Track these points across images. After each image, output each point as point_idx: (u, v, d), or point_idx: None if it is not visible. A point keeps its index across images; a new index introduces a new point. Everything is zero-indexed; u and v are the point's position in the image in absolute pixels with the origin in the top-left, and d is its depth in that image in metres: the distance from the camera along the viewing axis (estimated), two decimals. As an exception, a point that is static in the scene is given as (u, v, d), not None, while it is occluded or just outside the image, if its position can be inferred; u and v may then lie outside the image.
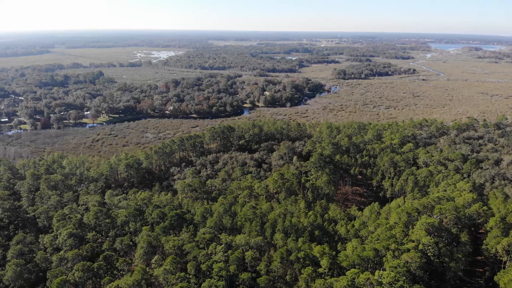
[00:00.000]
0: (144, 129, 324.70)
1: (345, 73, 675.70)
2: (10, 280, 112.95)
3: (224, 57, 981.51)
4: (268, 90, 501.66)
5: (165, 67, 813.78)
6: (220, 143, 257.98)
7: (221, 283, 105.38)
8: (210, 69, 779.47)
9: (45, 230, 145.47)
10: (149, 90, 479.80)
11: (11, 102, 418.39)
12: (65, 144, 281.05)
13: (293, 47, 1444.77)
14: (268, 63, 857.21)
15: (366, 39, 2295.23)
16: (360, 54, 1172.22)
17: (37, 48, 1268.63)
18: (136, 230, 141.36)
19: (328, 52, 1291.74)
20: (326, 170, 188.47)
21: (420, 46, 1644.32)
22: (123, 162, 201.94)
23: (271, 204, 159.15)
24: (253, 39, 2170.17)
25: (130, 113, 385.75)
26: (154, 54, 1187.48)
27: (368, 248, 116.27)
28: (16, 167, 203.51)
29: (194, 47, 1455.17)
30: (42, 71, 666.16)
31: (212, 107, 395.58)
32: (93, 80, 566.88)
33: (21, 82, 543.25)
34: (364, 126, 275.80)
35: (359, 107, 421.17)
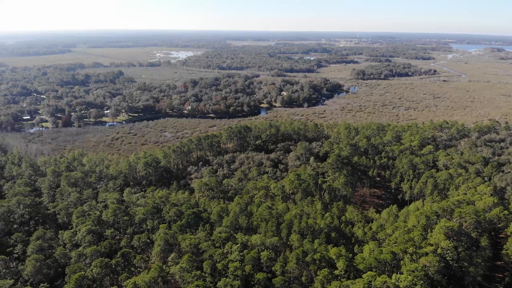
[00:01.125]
0: (162, 128, 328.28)
1: (364, 74, 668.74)
2: (29, 275, 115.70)
3: (242, 57, 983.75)
4: (286, 90, 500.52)
5: (184, 67, 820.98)
6: (236, 143, 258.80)
7: (237, 283, 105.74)
8: (228, 69, 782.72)
9: (65, 226, 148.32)
10: (168, 90, 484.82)
11: (33, 100, 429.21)
12: (85, 142, 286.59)
13: (312, 47, 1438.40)
14: (286, 63, 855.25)
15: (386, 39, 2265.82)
16: (379, 54, 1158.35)
17: (59, 48, 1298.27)
18: (153, 227, 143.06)
19: (347, 52, 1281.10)
20: (343, 171, 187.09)
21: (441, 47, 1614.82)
22: (142, 161, 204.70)
23: (287, 205, 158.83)
24: (271, 39, 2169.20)
25: (149, 112, 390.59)
26: (173, 54, 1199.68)
27: (386, 251, 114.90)
28: (38, 164, 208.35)
29: (213, 47, 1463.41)
30: (63, 70, 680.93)
31: (229, 107, 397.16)
32: (113, 80, 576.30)
33: (43, 81, 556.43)
34: (383, 127, 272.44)
35: (378, 108, 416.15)
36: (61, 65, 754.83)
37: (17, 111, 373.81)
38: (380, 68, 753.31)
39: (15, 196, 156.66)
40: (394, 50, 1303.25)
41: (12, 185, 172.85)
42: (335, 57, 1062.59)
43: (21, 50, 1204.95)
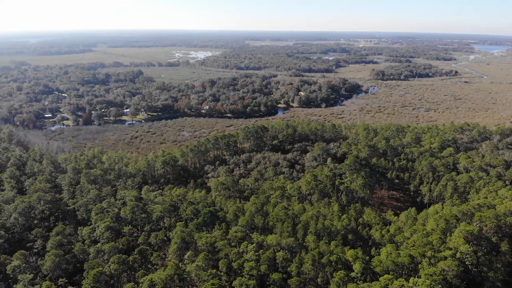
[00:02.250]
0: (180, 128, 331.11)
1: (383, 74, 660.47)
2: (48, 269, 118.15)
3: (260, 57, 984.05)
4: (303, 90, 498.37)
5: (202, 67, 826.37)
6: (253, 143, 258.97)
7: (252, 282, 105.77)
8: (246, 69, 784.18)
9: (84, 223, 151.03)
10: (186, 90, 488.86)
11: (55, 98, 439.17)
12: (105, 140, 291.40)
13: (330, 47, 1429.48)
14: (304, 63, 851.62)
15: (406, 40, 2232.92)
16: (399, 54, 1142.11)
17: (80, 47, 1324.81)
18: (170, 225, 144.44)
19: (366, 52, 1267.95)
20: (361, 173, 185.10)
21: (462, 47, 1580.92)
22: (160, 159, 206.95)
23: (303, 206, 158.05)
24: (289, 39, 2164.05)
25: (168, 112, 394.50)
26: (192, 54, 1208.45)
27: (403, 254, 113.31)
28: (58, 161, 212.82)
29: (231, 47, 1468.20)
30: (84, 69, 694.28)
31: (246, 107, 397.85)
32: (133, 79, 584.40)
33: (65, 80, 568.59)
34: (403, 129, 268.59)
35: (397, 109, 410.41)
36: (82, 64, 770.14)
37: (39, 109, 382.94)
38: (400, 68, 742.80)
39: (36, 192, 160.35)
40: (415, 51, 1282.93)
41: (33, 182, 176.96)
42: (354, 57, 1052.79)
43: (43, 49, 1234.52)
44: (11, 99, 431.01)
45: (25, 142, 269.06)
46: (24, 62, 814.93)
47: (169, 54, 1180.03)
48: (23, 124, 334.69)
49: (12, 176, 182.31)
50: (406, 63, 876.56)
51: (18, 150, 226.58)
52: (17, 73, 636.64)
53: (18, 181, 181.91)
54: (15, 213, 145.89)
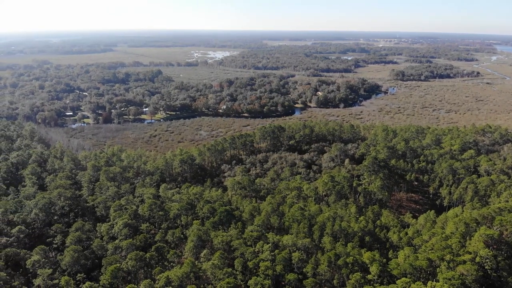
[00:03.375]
0: (198, 127, 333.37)
1: (403, 74, 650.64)
2: (67, 265, 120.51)
3: (278, 57, 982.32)
4: (321, 90, 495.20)
5: (220, 67, 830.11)
6: (270, 143, 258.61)
7: (267, 282, 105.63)
8: (263, 69, 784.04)
9: (103, 219, 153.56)
10: (204, 89, 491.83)
11: (76, 97, 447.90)
12: (124, 138, 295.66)
13: (349, 47, 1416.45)
14: (322, 63, 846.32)
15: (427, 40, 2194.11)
16: (420, 55, 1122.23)
17: (101, 47, 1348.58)
18: (187, 223, 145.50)
19: (386, 52, 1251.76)
20: (380, 174, 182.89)
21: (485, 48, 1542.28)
22: (178, 158, 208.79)
23: (320, 207, 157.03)
24: (307, 39, 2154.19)
25: (186, 111, 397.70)
26: (210, 54, 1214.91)
27: (422, 257, 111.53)
28: (79, 158, 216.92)
29: (249, 47, 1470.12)
30: (105, 69, 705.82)
31: (263, 106, 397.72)
32: (152, 78, 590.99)
33: (86, 79, 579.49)
34: (423, 130, 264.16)
35: (417, 110, 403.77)
36: (102, 63, 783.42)
37: (61, 107, 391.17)
38: (420, 69, 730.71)
39: (57, 188, 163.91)
40: (436, 51, 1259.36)
41: (54, 178, 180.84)
42: (374, 57, 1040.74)
43: (65, 48, 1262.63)
44: (34, 97, 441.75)
45: (47, 139, 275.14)
46: (46, 61, 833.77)
47: (188, 54, 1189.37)
48: (44, 121, 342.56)
49: (34, 172, 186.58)
50: (426, 64, 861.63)
51: (39, 147, 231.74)
52: (40, 71, 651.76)
53: (39, 177, 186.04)
54: (36, 209, 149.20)
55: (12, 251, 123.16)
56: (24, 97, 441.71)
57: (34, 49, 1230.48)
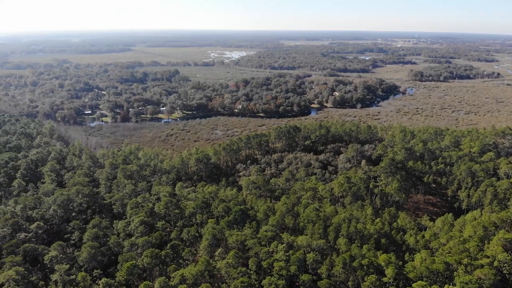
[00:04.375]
0: (214, 126, 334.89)
1: (422, 75, 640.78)
2: (84, 261, 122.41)
3: (294, 57, 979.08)
4: (338, 90, 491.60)
5: (237, 66, 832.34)
6: (285, 143, 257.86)
7: (281, 282, 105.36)
8: (280, 69, 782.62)
9: (119, 216, 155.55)
10: (220, 89, 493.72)
11: (95, 96, 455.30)
12: (141, 137, 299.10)
13: (367, 47, 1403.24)
14: (340, 62, 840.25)
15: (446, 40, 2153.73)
16: (439, 55, 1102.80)
17: (119, 46, 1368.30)
18: (202, 222, 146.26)
19: (404, 52, 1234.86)
20: (397, 176, 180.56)
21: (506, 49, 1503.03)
22: (194, 157, 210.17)
23: (335, 208, 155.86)
24: (325, 39, 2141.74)
25: (202, 110, 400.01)
26: (227, 54, 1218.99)
27: (438, 260, 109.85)
28: (97, 156, 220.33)
29: (265, 47, 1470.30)
30: (123, 68, 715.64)
31: (279, 106, 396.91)
32: (169, 78, 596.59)
33: (104, 78, 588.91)
34: (441, 132, 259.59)
35: (436, 111, 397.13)
36: (121, 63, 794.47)
37: (80, 106, 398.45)
38: (439, 69, 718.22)
39: (75, 185, 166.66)
40: (455, 51, 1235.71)
41: (72, 175, 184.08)
42: (392, 57, 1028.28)
43: (85, 48, 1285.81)
44: (53, 95, 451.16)
45: (66, 137, 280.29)
46: (66, 60, 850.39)
47: (204, 54, 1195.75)
48: (64, 120, 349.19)
49: (53, 169, 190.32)
50: (446, 64, 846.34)
51: (58, 145, 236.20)
52: (59, 70, 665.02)
53: (58, 174, 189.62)
54: (54, 205, 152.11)
55: (30, 246, 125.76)
56: (44, 96, 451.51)
57: (54, 48, 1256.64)
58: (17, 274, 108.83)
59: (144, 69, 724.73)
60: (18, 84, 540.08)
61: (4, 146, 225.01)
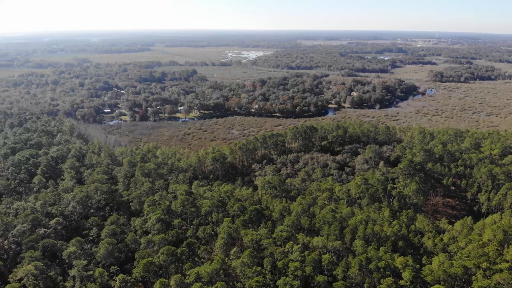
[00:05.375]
0: (230, 126, 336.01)
1: (442, 76, 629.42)
2: (102, 257, 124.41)
3: (312, 57, 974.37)
4: (356, 90, 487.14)
5: (254, 66, 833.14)
6: (301, 143, 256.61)
7: (296, 283, 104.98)
8: (297, 69, 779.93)
9: (137, 214, 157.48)
10: (237, 89, 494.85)
11: (114, 95, 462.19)
12: (159, 136, 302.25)
13: (386, 47, 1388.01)
14: (358, 62, 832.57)
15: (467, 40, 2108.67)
16: (460, 55, 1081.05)
17: (138, 46, 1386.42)
18: (218, 220, 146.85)
19: (424, 52, 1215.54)
20: (415, 178, 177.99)
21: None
22: (210, 156, 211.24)
23: (352, 209, 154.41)
24: (343, 39, 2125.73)
25: (219, 110, 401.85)
26: (244, 54, 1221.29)
27: (457, 264, 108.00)
28: (115, 154, 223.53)
29: (283, 47, 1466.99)
30: (142, 68, 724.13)
31: (296, 106, 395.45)
32: (187, 78, 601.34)
33: (123, 77, 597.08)
34: (461, 134, 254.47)
35: (456, 113, 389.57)
36: (140, 62, 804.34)
37: (99, 105, 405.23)
38: (460, 70, 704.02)
39: (94, 183, 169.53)
40: (476, 52, 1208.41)
41: (91, 173, 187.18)
42: (411, 57, 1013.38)
43: (104, 47, 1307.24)
44: (74, 94, 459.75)
45: (85, 135, 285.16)
46: (86, 60, 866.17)
47: (222, 54, 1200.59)
48: (83, 118, 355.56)
49: (72, 166, 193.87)
50: (466, 65, 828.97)
51: (78, 143, 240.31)
52: (80, 70, 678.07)
53: (77, 171, 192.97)
54: (74, 202, 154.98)
55: (49, 242, 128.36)
56: (65, 94, 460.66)
57: (74, 48, 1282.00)
58: (36, 269, 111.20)
59: (163, 68, 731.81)
60: (40, 82, 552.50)
61: (25, 143, 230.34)
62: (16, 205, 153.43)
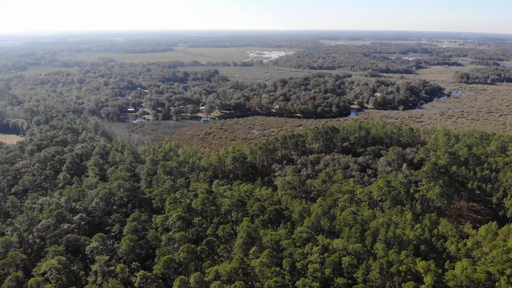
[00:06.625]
0: (251, 126, 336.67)
1: (468, 77, 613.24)
2: (123, 253, 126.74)
3: (334, 57, 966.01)
4: (379, 91, 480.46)
5: (275, 66, 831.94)
6: (322, 144, 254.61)
7: (315, 284, 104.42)
8: (319, 69, 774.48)
9: (158, 211, 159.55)
10: (258, 89, 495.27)
11: (138, 94, 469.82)
12: (181, 135, 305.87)
13: (411, 47, 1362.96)
14: (382, 63, 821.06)
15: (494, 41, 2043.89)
16: (486, 57, 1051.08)
17: (162, 46, 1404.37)
18: (237, 219, 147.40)
19: (449, 53, 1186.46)
20: (439, 181, 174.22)
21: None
22: (230, 155, 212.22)
23: (373, 212, 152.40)
24: (366, 39, 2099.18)
25: (240, 110, 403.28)
26: (266, 54, 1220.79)
27: (480, 270, 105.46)
28: (138, 152, 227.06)
29: (305, 47, 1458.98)
30: (165, 67, 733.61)
31: (317, 107, 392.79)
32: (209, 78, 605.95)
33: (147, 77, 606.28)
34: (487, 136, 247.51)
35: (482, 115, 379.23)
36: (163, 62, 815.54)
37: (123, 103, 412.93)
38: (486, 71, 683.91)
39: (117, 180, 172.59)
40: (504, 53, 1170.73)
41: (114, 170, 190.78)
42: (437, 58, 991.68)
43: (129, 47, 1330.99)
44: (98, 93, 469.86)
45: (109, 133, 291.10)
46: (111, 59, 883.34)
47: (244, 54, 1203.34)
48: (108, 116, 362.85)
49: (96, 163, 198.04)
50: (493, 66, 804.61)
51: (102, 140, 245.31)
52: (105, 69, 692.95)
53: (101, 168, 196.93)
54: (97, 198, 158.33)
55: (73, 237, 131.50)
56: (90, 93, 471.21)
57: (100, 47, 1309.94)
58: (59, 263, 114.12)
59: (185, 68, 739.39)
60: (66, 81, 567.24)
61: (51, 140, 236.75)
62: (41, 201, 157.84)
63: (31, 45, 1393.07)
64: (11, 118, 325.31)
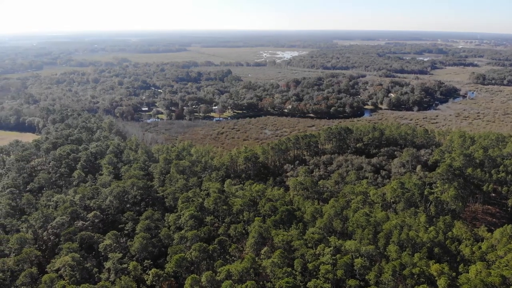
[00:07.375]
0: (263, 126, 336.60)
1: (484, 78, 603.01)
2: (136, 251, 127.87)
3: (348, 57, 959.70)
4: (394, 92, 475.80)
5: (288, 66, 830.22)
6: (335, 145, 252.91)
7: (327, 286, 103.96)
8: (332, 69, 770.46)
9: (171, 210, 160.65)
10: (271, 89, 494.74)
11: (151, 93, 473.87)
12: (194, 134, 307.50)
13: (426, 47, 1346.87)
14: (396, 63, 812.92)
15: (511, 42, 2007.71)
16: (503, 57, 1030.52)
17: (176, 46, 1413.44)
18: (249, 219, 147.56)
19: (465, 54, 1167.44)
20: (454, 183, 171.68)
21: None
22: (242, 155, 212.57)
23: (387, 214, 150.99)
24: (381, 39, 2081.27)
25: (252, 110, 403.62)
26: (279, 54, 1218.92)
27: (495, 274, 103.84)
28: (152, 151, 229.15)
29: (318, 47, 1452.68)
30: (179, 67, 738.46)
31: (330, 107, 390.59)
32: (222, 78, 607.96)
33: (161, 77, 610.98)
34: (504, 138, 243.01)
35: (498, 117, 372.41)
36: (177, 62, 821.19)
37: (137, 103, 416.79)
38: (503, 72, 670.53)
39: (130, 178, 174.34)
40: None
41: (128, 168, 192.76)
42: (452, 58, 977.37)
43: (143, 47, 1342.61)
44: (113, 92, 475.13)
45: (123, 132, 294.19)
46: (125, 59, 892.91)
47: (257, 54, 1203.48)
48: (122, 115, 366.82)
49: (110, 162, 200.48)
50: (510, 67, 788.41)
51: (116, 139, 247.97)
52: (119, 69, 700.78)
53: (115, 167, 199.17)
54: (111, 196, 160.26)
55: (87, 234, 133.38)
56: (105, 92, 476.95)
57: (114, 47, 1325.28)
58: (73, 260, 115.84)
59: (199, 68, 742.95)
60: (81, 80, 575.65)
61: (67, 139, 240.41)
62: (56, 198, 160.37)
63: (47, 44, 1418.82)
64: (27, 116, 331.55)
